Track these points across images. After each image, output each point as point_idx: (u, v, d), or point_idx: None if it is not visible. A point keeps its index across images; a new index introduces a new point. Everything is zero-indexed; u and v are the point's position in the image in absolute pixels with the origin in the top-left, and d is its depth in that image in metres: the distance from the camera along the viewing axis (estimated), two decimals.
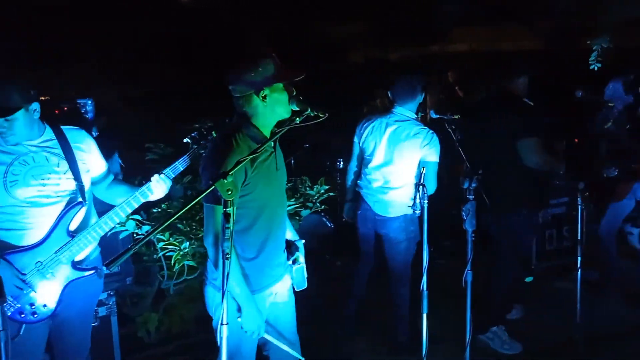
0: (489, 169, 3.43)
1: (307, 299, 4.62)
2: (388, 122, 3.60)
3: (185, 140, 2.59)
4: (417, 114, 3.65)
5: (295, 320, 2.58)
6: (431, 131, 3.52)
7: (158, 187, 2.51)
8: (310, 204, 3.71)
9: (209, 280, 2.35)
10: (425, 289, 2.79)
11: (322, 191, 3.73)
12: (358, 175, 3.82)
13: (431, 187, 3.48)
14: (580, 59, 6.58)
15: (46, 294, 2.42)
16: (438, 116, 3.39)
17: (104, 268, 2.63)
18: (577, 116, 6.25)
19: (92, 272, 2.51)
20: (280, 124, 2.35)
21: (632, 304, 4.31)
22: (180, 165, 2.56)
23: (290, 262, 2.52)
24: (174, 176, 2.55)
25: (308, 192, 3.75)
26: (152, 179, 2.50)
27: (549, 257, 4.94)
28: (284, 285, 2.49)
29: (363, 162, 3.77)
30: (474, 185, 2.81)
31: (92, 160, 2.58)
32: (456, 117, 3.31)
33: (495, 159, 3.63)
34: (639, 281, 4.38)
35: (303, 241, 2.60)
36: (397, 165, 3.58)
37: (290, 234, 2.60)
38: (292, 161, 5.83)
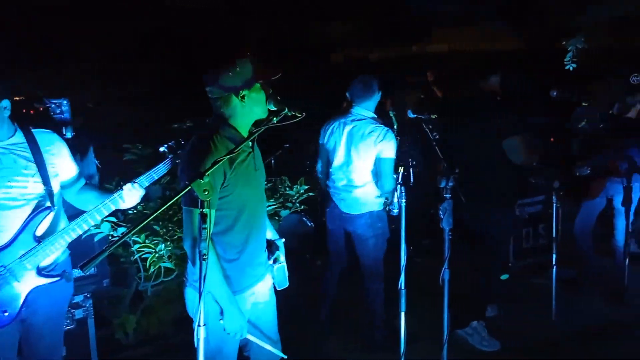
0: (469, 167, 3.52)
1: (288, 298, 4.64)
2: (346, 122, 3.66)
3: (161, 150, 2.58)
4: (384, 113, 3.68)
5: (276, 319, 2.58)
6: (386, 128, 3.57)
7: (130, 195, 2.47)
8: (289, 204, 3.71)
9: (189, 282, 2.34)
10: (403, 288, 2.81)
11: (301, 191, 3.73)
12: (326, 175, 3.87)
13: (388, 183, 3.52)
14: (557, 59, 6.70)
15: (8, 300, 2.35)
16: (415, 116, 3.42)
17: (74, 271, 2.60)
18: (553, 115, 6.36)
19: (57, 278, 2.46)
20: (257, 124, 2.34)
21: (607, 301, 4.39)
22: (154, 174, 2.53)
23: (271, 261, 2.52)
24: (147, 185, 2.52)
25: (288, 192, 3.75)
26: (124, 187, 2.46)
27: (525, 255, 5.00)
28: (265, 285, 2.49)
29: (328, 162, 3.83)
30: (450, 184, 2.84)
31: (62, 164, 2.53)
32: (433, 117, 3.34)
33: (476, 157, 3.68)
34: (614, 278, 4.45)
35: (283, 240, 2.61)
36: (357, 163, 3.64)
37: (270, 234, 2.60)
38: (272, 161, 5.83)
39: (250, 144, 2.33)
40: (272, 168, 5.68)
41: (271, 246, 2.54)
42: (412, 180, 5.85)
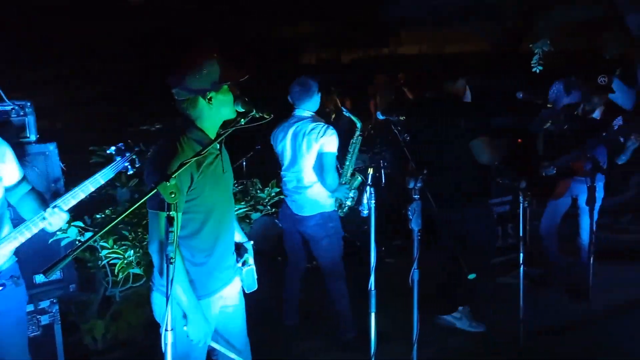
0: (440, 168, 3.64)
1: (260, 301, 4.62)
2: (289, 125, 3.72)
3: (108, 152, 2.54)
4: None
5: (245, 323, 2.57)
6: (326, 125, 3.63)
7: (53, 219, 2.39)
8: (261, 207, 3.70)
9: (155, 286, 2.31)
10: (373, 289, 2.82)
11: (273, 194, 3.73)
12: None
13: (330, 178, 3.57)
14: (523, 61, 6.82)
15: None
16: (385, 117, 3.45)
17: (38, 277, 2.55)
18: (520, 117, 6.48)
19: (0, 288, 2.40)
20: (225, 126, 2.33)
21: (572, 299, 4.48)
22: (92, 184, 2.49)
23: (239, 264, 2.51)
24: (73, 203, 2.45)
25: (259, 194, 3.74)
26: (46, 211, 2.39)
27: (495, 254, 5.06)
28: (233, 288, 2.48)
29: (281, 167, 3.89)
30: (419, 185, 2.87)
31: (6, 169, 2.47)
32: (402, 118, 3.37)
33: (446, 158, 3.79)
34: (579, 276, 4.55)
35: (252, 243, 2.60)
36: (302, 163, 3.68)
37: (238, 236, 2.59)
38: (244, 163, 5.81)
39: (218, 146, 2.32)
40: (243, 170, 5.66)
41: (240, 249, 2.53)
42: (383, 181, 5.90)
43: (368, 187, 3.00)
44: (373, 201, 2.97)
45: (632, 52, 6.22)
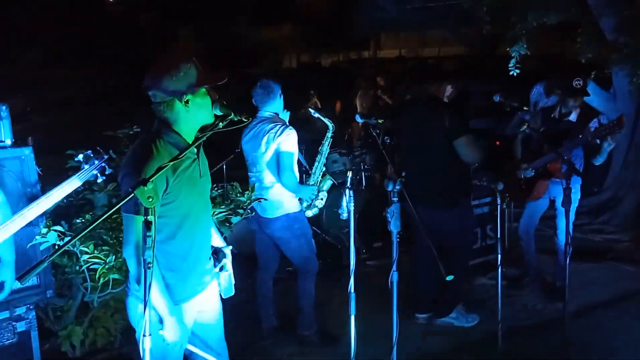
0: (425, 167, 3.82)
1: (238, 304, 4.60)
2: (252, 126, 3.74)
3: (76, 159, 2.52)
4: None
5: (222, 328, 2.56)
6: (284, 125, 3.64)
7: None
8: (241, 211, 3.68)
9: (131, 291, 2.29)
10: (352, 291, 2.83)
11: (253, 197, 3.71)
12: None
13: (286, 178, 3.58)
14: (502, 64, 6.92)
15: None
16: (363, 120, 3.47)
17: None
18: (499, 119, 6.57)
19: None
20: (203, 129, 2.32)
21: (549, 298, 4.55)
22: (58, 193, 2.46)
23: (217, 269, 2.50)
24: (37, 214, 2.42)
25: (239, 198, 3.72)
26: None
27: (473, 255, 5.12)
28: (211, 293, 2.47)
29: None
30: (397, 187, 2.89)
31: None
32: (380, 121, 3.39)
33: (430, 158, 3.91)
34: (556, 276, 4.62)
35: (230, 247, 2.59)
36: (262, 164, 3.71)
37: (217, 241, 2.58)
38: (224, 167, 5.78)
39: (195, 150, 2.31)
40: (223, 174, 5.63)
41: (217, 253, 2.52)
42: (363, 184, 5.93)
43: (347, 190, 3.02)
44: (352, 204, 3.00)
45: (606, 55, 6.34)
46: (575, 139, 4.10)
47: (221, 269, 2.50)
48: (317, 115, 4.03)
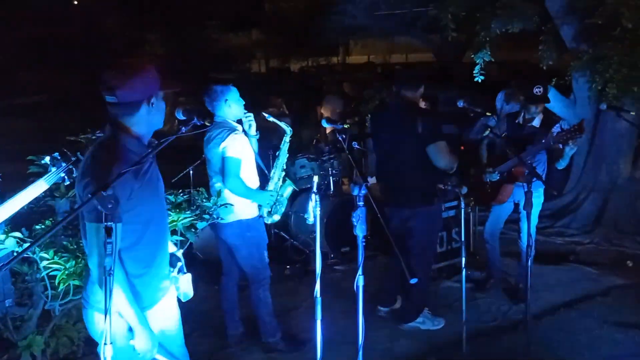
0: (399, 169, 3.96)
1: (204, 311, 4.57)
2: (207, 132, 3.71)
3: (43, 162, 2.47)
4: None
5: (182, 333, 2.52)
6: (231, 130, 3.61)
7: None
8: (207, 216, 3.64)
9: (90, 303, 2.24)
10: (318, 296, 2.84)
11: (219, 203, 3.68)
12: None
13: (231, 184, 3.56)
14: (468, 71, 7.05)
15: None
16: (329, 125, 3.49)
17: None
18: (464, 125, 6.68)
19: None
20: (155, 135, 2.31)
21: (512, 300, 4.63)
22: (26, 196, 2.42)
23: (174, 273, 2.47)
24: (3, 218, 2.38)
25: (205, 203, 3.69)
26: None
27: (440, 258, 5.19)
28: (170, 299, 2.44)
29: None
30: (363, 192, 2.91)
31: None
32: (346, 126, 3.42)
33: (405, 160, 4.01)
34: (519, 278, 4.71)
35: (181, 251, 2.57)
36: (212, 169, 3.70)
37: (170, 246, 2.56)
38: (191, 172, 5.73)
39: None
40: (190, 179, 5.58)
41: (171, 258, 2.49)
42: (331, 189, 5.95)
43: (313, 195, 3.03)
44: (318, 209, 3.01)
45: (567, 63, 6.52)
46: (539, 144, 4.20)
47: (179, 273, 2.47)
48: (271, 119, 4.00)
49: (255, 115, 3.95)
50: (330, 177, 5.91)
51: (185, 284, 2.48)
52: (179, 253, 2.53)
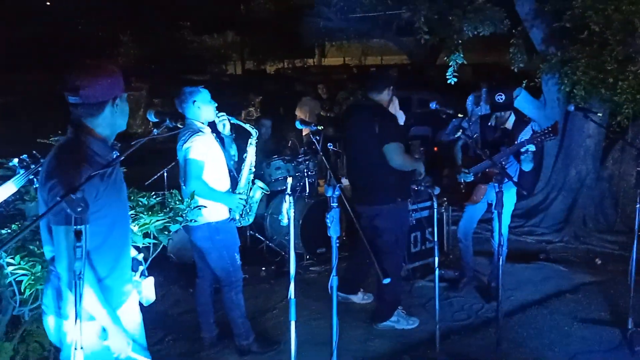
0: (367, 170, 4.03)
1: (181, 314, 4.53)
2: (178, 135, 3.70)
3: (11, 164, 2.43)
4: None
5: (144, 337, 2.49)
6: (194, 132, 3.58)
7: None
8: (180, 219, 3.62)
9: (50, 309, 2.21)
10: (292, 297, 2.85)
11: (192, 205, 3.65)
12: None
13: (194, 186, 3.53)
14: (441, 73, 7.14)
15: None
16: (303, 126, 3.50)
17: None
18: (437, 126, 6.77)
19: None
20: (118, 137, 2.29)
21: (485, 298, 4.71)
22: None
23: (136, 277, 2.45)
24: None
25: (178, 206, 3.66)
26: None
27: (414, 258, 5.25)
28: (133, 302, 2.41)
29: None
30: (337, 193, 2.93)
31: None
32: (320, 127, 3.44)
33: (371, 161, 4.07)
34: (492, 277, 4.79)
35: (142, 255, 2.54)
36: (181, 172, 3.69)
37: (131, 249, 2.53)
38: (165, 174, 5.69)
39: (114, 156, 2.27)
40: (164, 182, 5.54)
41: (133, 262, 2.47)
42: (307, 191, 5.97)
43: (287, 196, 3.04)
44: (292, 210, 3.02)
45: (537, 65, 6.65)
46: (511, 145, 4.28)
47: (141, 276, 2.45)
48: (235, 122, 3.97)
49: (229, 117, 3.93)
50: (306, 179, 5.92)
51: (147, 288, 2.45)
52: (141, 257, 2.50)
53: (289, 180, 3.16)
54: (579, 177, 6.54)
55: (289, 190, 3.06)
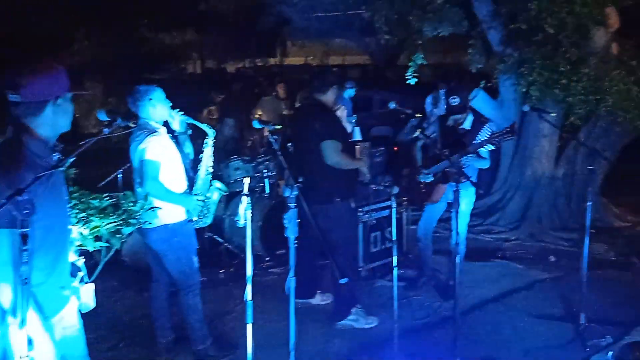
0: (308, 168, 3.99)
1: (136, 319, 4.42)
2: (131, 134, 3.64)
3: None
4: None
5: (84, 345, 2.40)
6: (149, 132, 3.52)
7: None
8: (133, 221, 3.51)
9: None
10: (249, 299, 2.81)
11: (146, 207, 3.56)
12: None
13: (150, 187, 3.47)
14: (403, 73, 7.20)
15: None
16: (261, 126, 3.46)
17: None
18: (398, 126, 6.82)
19: None
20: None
21: (442, 297, 4.76)
22: None
23: (76, 283, 2.36)
24: None
25: (131, 208, 3.56)
26: None
27: (374, 258, 5.26)
28: (72, 308, 2.32)
29: None
30: (294, 193, 2.91)
31: None
32: (278, 127, 3.41)
33: (311, 159, 4.11)
34: (450, 275, 4.84)
35: (83, 259, 2.46)
36: (136, 173, 3.63)
37: (70, 254, 2.45)
38: (120, 176, 5.53)
39: (58, 156, 2.19)
40: (118, 183, 5.39)
41: (72, 267, 2.38)
42: (267, 191, 5.92)
43: (244, 197, 2.99)
44: (249, 211, 2.97)
45: (494, 66, 6.77)
46: (470, 145, 4.34)
47: (80, 282, 2.36)
48: (191, 121, 3.90)
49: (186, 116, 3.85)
50: (267, 180, 5.87)
51: (86, 295, 2.36)
52: (81, 262, 2.42)
53: (246, 180, 3.11)
54: (534, 177, 6.70)
55: (245, 191, 3.01)
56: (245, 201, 2.96)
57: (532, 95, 6.07)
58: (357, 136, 6.47)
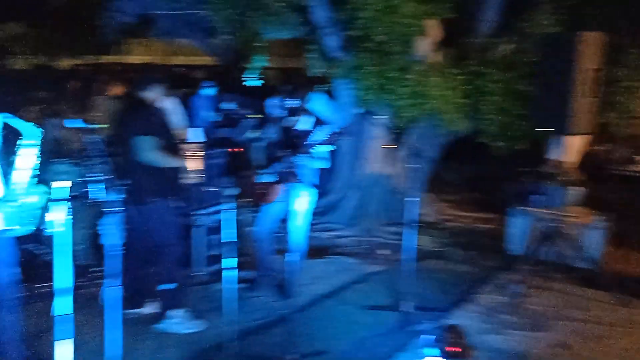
0: (128, 168, 3.96)
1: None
2: None
3: None
4: None
5: None
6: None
7: None
8: None
9: None
10: (57, 314, 2.58)
11: None
12: None
13: None
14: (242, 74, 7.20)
15: None
16: (75, 126, 3.24)
17: None
18: (230, 125, 6.80)
19: None
20: None
21: (281, 296, 4.83)
22: None
23: None
24: None
25: None
26: None
27: (212, 261, 5.17)
28: None
29: None
30: (115, 197, 2.75)
31: None
32: (94, 126, 3.21)
33: (129, 158, 4.06)
34: (288, 274, 4.92)
35: None
36: None
37: None
38: None
39: None
40: None
41: None
42: (92, 196, 5.52)
43: (59, 203, 2.76)
44: (65, 217, 2.75)
45: (330, 70, 7.03)
46: (305, 146, 4.45)
47: None
48: (10, 122, 3.53)
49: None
50: (92, 184, 5.47)
51: None
52: None
53: (64, 184, 2.87)
54: (367, 176, 7.09)
55: (63, 196, 2.77)
56: (60, 208, 2.73)
57: (365, 99, 6.40)
58: (200, 137, 6.32)
